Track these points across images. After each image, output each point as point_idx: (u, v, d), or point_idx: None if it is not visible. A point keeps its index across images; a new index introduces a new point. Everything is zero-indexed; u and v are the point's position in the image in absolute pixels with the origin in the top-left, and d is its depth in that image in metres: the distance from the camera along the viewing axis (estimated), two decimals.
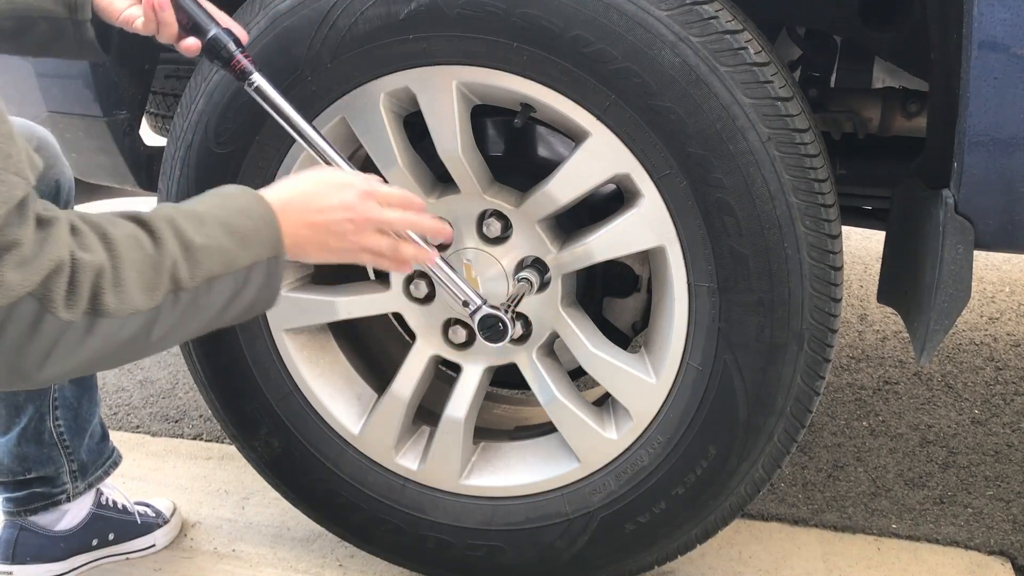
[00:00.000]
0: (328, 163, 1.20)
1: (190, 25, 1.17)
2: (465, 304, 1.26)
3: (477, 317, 1.25)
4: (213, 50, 1.17)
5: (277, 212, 1.02)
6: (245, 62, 1.17)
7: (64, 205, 1.45)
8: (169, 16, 1.16)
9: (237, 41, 1.18)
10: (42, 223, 0.80)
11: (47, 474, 1.55)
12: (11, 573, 1.57)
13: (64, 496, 1.57)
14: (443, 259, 1.25)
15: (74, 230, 0.83)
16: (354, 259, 1.11)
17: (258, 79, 1.18)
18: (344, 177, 1.10)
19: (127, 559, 1.68)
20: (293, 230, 1.03)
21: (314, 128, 1.21)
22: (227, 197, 1.01)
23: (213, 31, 1.16)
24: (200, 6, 1.18)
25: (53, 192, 1.40)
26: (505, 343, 1.27)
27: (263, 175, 1.38)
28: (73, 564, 1.61)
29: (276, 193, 1.05)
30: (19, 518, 1.57)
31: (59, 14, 1.14)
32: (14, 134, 0.81)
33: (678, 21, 1.15)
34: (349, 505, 1.54)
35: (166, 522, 1.73)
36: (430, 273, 1.25)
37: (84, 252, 0.82)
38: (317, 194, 1.06)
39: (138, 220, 0.91)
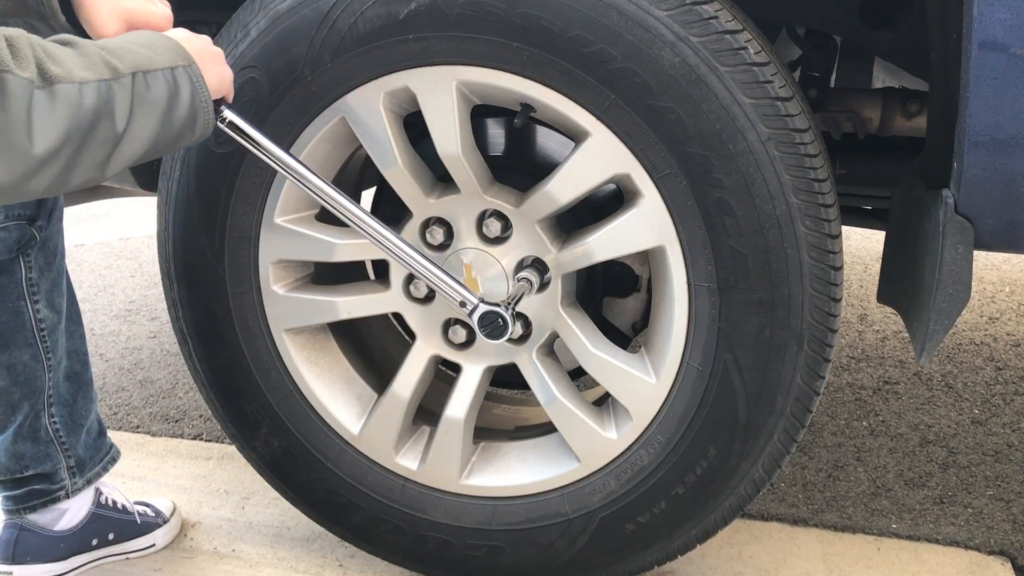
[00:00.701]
0: (310, 189, 1.23)
1: None
2: (462, 305, 1.26)
3: (476, 315, 1.26)
4: None
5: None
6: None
7: (47, 215, 1.48)
8: None
9: None
10: None
11: (44, 471, 1.55)
12: (11, 573, 1.57)
13: (63, 493, 1.57)
14: (435, 263, 1.26)
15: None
16: (222, 81, 1.17)
17: (230, 115, 1.20)
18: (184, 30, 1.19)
19: (127, 559, 1.68)
20: (194, 48, 1.12)
21: (292, 155, 1.24)
22: (136, 34, 1.10)
23: None
24: None
25: (34, 205, 1.44)
26: (506, 339, 1.27)
27: (263, 175, 1.38)
28: (73, 564, 1.61)
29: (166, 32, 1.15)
30: (19, 516, 1.57)
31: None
32: None
33: (678, 21, 1.15)
34: (349, 505, 1.54)
35: (166, 522, 1.73)
36: (423, 278, 1.26)
37: (10, 32, 0.91)
38: (188, 35, 1.15)
39: (59, 40, 0.98)
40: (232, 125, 1.20)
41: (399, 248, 1.26)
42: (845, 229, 3.14)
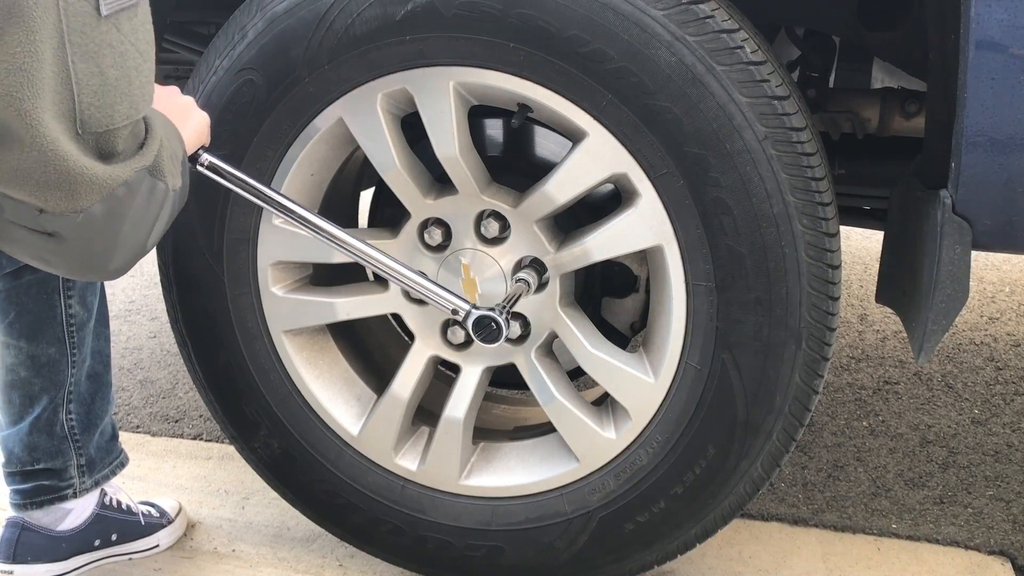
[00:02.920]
0: (296, 219, 1.28)
1: None
2: (455, 313, 1.26)
3: (470, 322, 1.26)
4: None
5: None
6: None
7: None
8: None
9: None
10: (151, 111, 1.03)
11: (55, 466, 1.55)
12: (12, 572, 1.57)
13: (70, 491, 1.57)
14: (425, 276, 1.28)
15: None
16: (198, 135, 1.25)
17: (208, 157, 1.25)
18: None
19: (129, 559, 1.68)
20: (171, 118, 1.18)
21: (274, 190, 1.29)
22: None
23: None
24: None
25: None
26: (501, 343, 1.27)
27: (262, 176, 1.38)
28: (75, 564, 1.61)
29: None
30: (24, 511, 1.57)
31: None
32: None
33: (674, 20, 1.15)
34: (349, 506, 1.54)
35: (170, 522, 1.72)
36: (411, 290, 1.27)
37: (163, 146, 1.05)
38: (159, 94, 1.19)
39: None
40: (212, 167, 1.26)
41: (389, 266, 1.27)
42: (845, 229, 3.14)
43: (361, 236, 1.45)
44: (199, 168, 1.25)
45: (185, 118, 1.20)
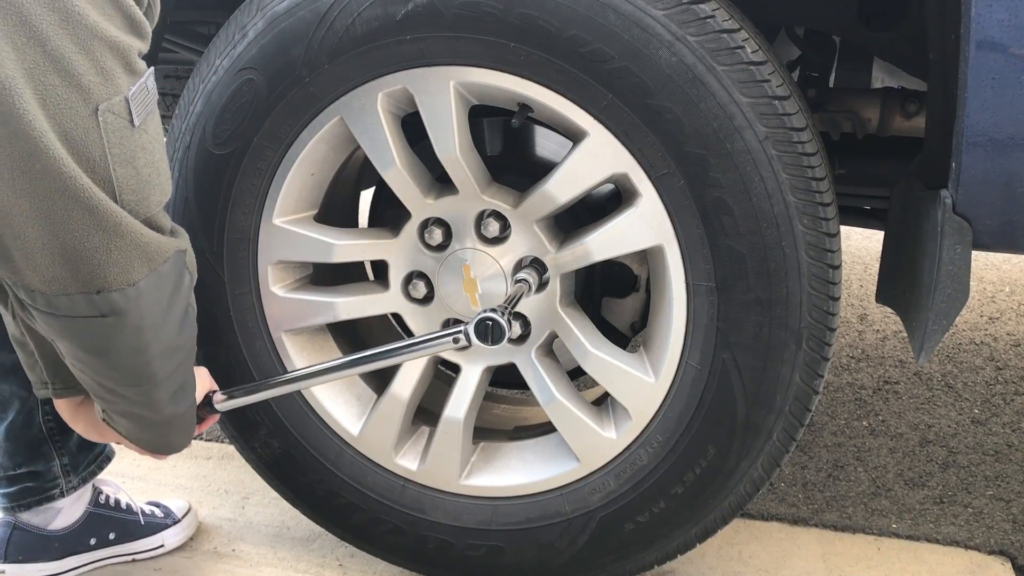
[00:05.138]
0: (317, 382, 1.37)
1: None
2: (456, 341, 1.28)
3: (471, 332, 1.25)
4: None
5: None
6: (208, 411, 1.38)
7: None
8: None
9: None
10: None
11: (37, 468, 1.55)
12: (3, 572, 1.57)
13: (57, 491, 1.57)
14: (410, 341, 1.32)
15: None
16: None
17: (219, 396, 1.37)
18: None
19: (132, 560, 1.68)
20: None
21: (285, 375, 1.40)
22: None
23: None
24: None
25: None
26: (504, 343, 1.27)
27: (261, 176, 1.38)
28: (70, 564, 1.60)
29: None
30: (13, 514, 1.57)
31: None
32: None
33: (675, 20, 1.15)
34: (349, 505, 1.54)
35: (176, 522, 1.71)
36: (410, 359, 1.36)
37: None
38: None
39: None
40: (226, 400, 1.37)
41: (379, 359, 1.32)
42: (845, 229, 3.14)
43: (360, 238, 1.45)
44: (218, 407, 1.37)
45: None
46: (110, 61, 0.93)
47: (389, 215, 1.58)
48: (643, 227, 1.26)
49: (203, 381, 1.36)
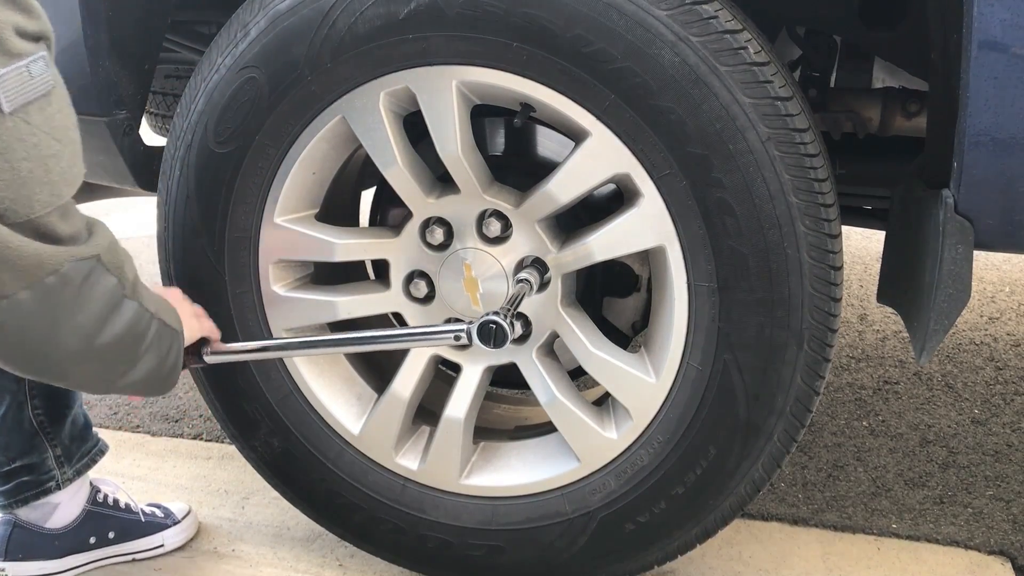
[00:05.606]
0: (311, 352, 1.41)
1: None
2: (457, 338, 1.28)
3: (474, 334, 1.26)
4: None
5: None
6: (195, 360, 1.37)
7: None
8: None
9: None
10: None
11: (31, 461, 1.55)
12: (3, 570, 1.57)
13: (52, 483, 1.57)
14: (413, 329, 1.32)
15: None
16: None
17: (208, 350, 1.36)
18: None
19: (132, 560, 1.68)
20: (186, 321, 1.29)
21: (278, 339, 1.40)
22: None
23: None
24: None
25: None
26: (507, 344, 1.27)
27: (262, 175, 1.38)
28: (70, 563, 1.61)
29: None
30: (11, 511, 1.57)
31: None
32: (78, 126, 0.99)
33: (678, 21, 1.15)
34: (349, 505, 1.54)
35: (176, 523, 1.71)
36: (416, 346, 1.35)
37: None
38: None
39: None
40: (215, 353, 1.37)
41: (383, 341, 1.33)
42: (845, 229, 3.14)
43: (361, 238, 1.45)
44: (207, 360, 1.36)
45: (189, 319, 1.30)
46: None
47: (390, 214, 1.58)
48: (645, 227, 1.26)
49: (195, 328, 1.32)
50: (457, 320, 1.44)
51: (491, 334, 1.25)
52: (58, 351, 1.03)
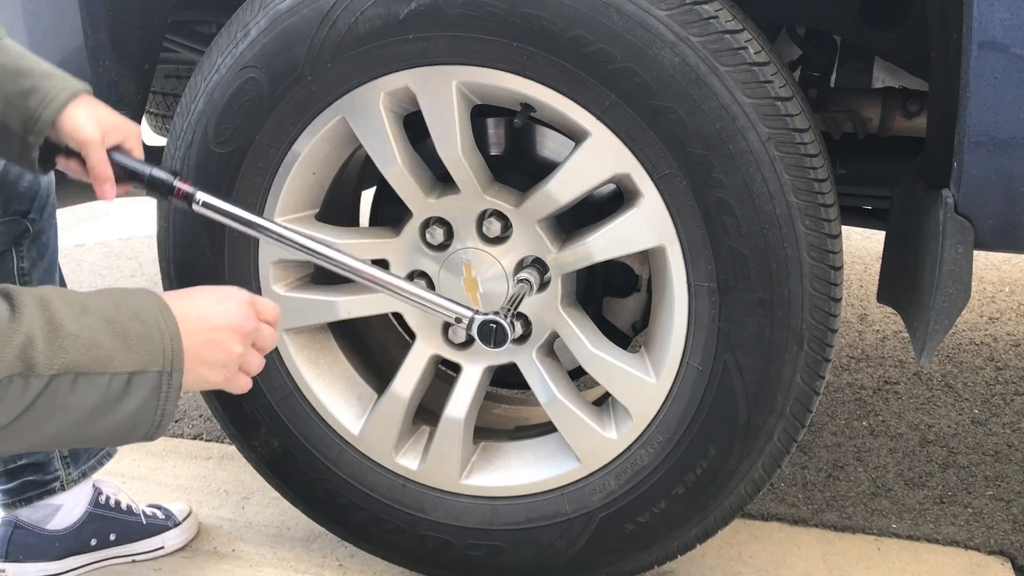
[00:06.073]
0: (294, 246, 1.25)
1: (127, 175, 1.25)
2: (458, 321, 1.27)
3: (474, 328, 1.26)
4: (155, 186, 1.24)
5: (179, 322, 0.94)
6: (185, 187, 1.23)
7: (40, 210, 1.47)
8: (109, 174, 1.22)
9: (173, 172, 1.24)
10: None
11: (38, 460, 1.55)
12: (3, 571, 1.57)
13: (57, 484, 1.57)
14: (424, 289, 1.28)
15: None
16: (221, 374, 1.02)
17: (203, 196, 1.24)
18: (228, 289, 1.06)
19: (133, 561, 1.68)
20: (195, 349, 0.96)
21: (272, 221, 1.27)
22: (124, 296, 0.93)
23: (148, 172, 1.24)
24: (131, 157, 1.25)
25: (28, 200, 1.44)
26: (507, 344, 1.27)
27: (263, 175, 1.38)
28: (70, 565, 1.60)
29: (176, 304, 0.97)
30: (14, 510, 1.57)
31: (13, 128, 1.17)
32: None
33: (678, 21, 1.15)
34: (349, 505, 1.54)
35: (176, 524, 1.71)
36: (416, 305, 1.28)
37: None
38: (210, 309, 1.00)
39: (4, 292, 0.84)
40: (206, 205, 1.24)
41: (390, 283, 1.27)
42: (845, 229, 3.14)
43: (362, 238, 1.45)
44: (195, 207, 1.24)
45: (206, 360, 0.99)
46: None
47: (390, 214, 1.57)
48: (645, 227, 1.26)
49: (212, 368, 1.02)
50: (457, 321, 1.43)
51: (491, 334, 1.25)
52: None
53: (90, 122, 1.19)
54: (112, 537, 1.64)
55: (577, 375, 1.54)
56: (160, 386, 0.91)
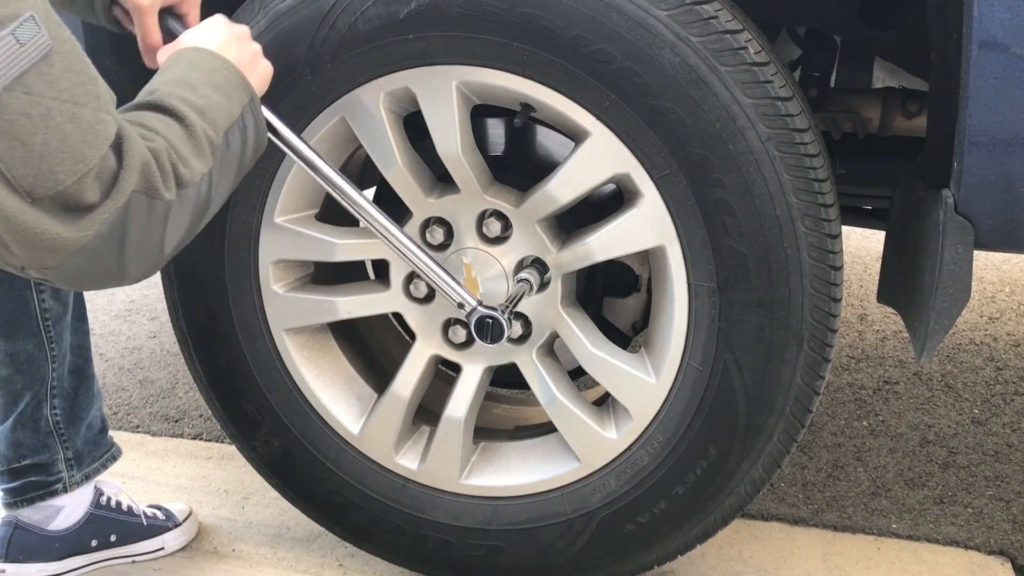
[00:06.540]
0: (315, 172, 1.24)
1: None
2: (460, 306, 1.26)
3: (473, 319, 1.26)
4: None
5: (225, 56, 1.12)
6: None
7: None
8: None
9: None
10: (120, 139, 0.92)
11: (42, 461, 1.55)
12: (3, 571, 1.56)
13: (60, 486, 1.57)
14: (436, 262, 1.26)
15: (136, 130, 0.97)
16: (259, 71, 1.18)
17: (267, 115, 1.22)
18: (210, 20, 1.18)
19: (133, 562, 1.68)
20: (245, 68, 1.14)
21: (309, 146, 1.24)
22: (196, 59, 1.10)
23: None
24: (182, 23, 1.20)
25: None
26: (502, 343, 1.27)
27: (263, 174, 1.38)
28: (70, 565, 1.60)
29: (213, 44, 1.13)
30: (15, 509, 1.57)
31: None
32: (97, 75, 0.92)
33: (678, 21, 1.15)
34: (349, 505, 1.54)
35: (177, 525, 1.71)
36: (424, 277, 1.26)
37: (152, 143, 0.96)
38: (229, 35, 1.15)
39: (156, 107, 1.01)
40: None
41: (404, 245, 1.26)
42: (845, 229, 3.14)
43: (362, 238, 1.45)
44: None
45: (253, 65, 1.16)
46: None
47: (390, 214, 1.57)
48: (645, 227, 1.26)
49: (265, 81, 1.19)
50: (457, 321, 1.44)
51: (487, 329, 1.25)
52: (127, 273, 0.98)
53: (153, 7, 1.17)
54: (112, 538, 1.64)
55: (577, 375, 1.54)
56: (253, 110, 1.12)
